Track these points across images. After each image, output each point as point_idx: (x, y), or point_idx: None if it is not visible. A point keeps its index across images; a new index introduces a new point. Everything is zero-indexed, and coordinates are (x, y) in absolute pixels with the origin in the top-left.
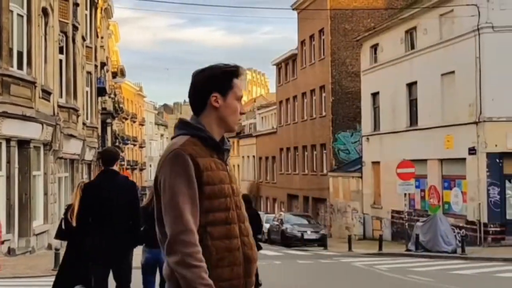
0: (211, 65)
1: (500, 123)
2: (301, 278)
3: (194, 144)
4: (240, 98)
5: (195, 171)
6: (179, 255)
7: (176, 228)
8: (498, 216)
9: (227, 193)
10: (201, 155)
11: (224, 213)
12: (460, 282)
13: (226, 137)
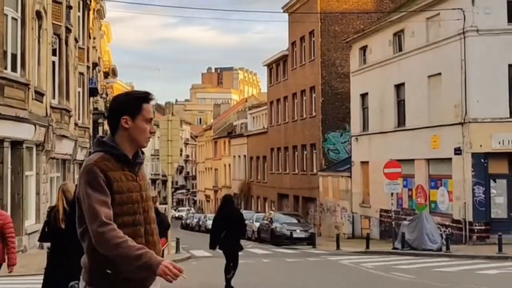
0: (126, 91)
1: (485, 124)
2: (288, 276)
3: (107, 160)
4: (149, 120)
5: (106, 183)
6: (106, 244)
7: (94, 226)
8: (483, 215)
9: (135, 200)
10: (112, 169)
11: (131, 217)
12: (441, 279)
13: (140, 151)
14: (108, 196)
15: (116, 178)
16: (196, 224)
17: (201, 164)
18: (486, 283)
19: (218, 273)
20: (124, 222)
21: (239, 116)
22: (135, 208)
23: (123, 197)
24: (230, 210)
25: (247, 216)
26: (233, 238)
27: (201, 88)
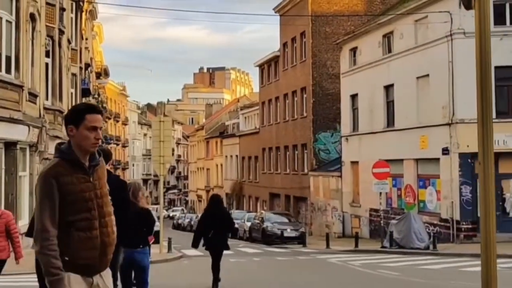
0: (75, 105)
1: (472, 125)
2: (277, 274)
3: (60, 166)
4: (92, 128)
5: (58, 187)
6: (38, 246)
7: (38, 227)
8: (470, 214)
9: (89, 198)
10: (64, 174)
11: (85, 214)
12: (425, 276)
13: (98, 154)
14: (56, 201)
15: (67, 182)
16: (188, 224)
17: (193, 164)
18: (469, 280)
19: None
20: (79, 218)
21: (231, 116)
22: (89, 205)
23: (75, 197)
24: (218, 209)
25: (238, 215)
26: (220, 237)
27: (193, 88)
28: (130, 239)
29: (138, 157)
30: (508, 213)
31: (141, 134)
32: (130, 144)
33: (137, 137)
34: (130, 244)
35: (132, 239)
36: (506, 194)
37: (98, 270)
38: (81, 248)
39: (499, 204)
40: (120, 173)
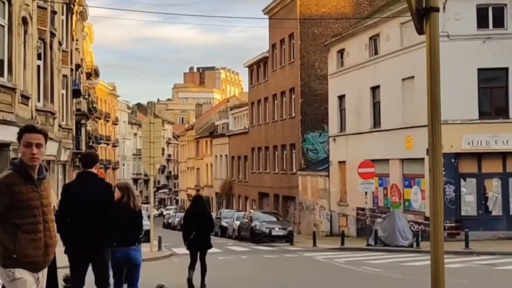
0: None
1: (455, 126)
2: (262, 271)
3: (13, 176)
4: (28, 144)
5: (9, 194)
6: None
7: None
8: (453, 212)
9: (35, 205)
10: (16, 184)
11: (31, 218)
12: (405, 272)
13: (45, 169)
14: (5, 205)
15: (17, 191)
16: (178, 223)
17: (183, 164)
18: (450, 276)
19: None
20: (26, 222)
21: (220, 116)
22: (35, 212)
23: (23, 204)
24: (201, 209)
25: (228, 215)
26: (203, 236)
27: (183, 88)
28: (125, 237)
29: (128, 157)
30: (491, 211)
31: (131, 133)
32: (121, 143)
33: (127, 137)
34: (126, 242)
35: (127, 237)
36: (489, 193)
37: (42, 267)
38: (27, 247)
39: (482, 203)
40: (111, 172)
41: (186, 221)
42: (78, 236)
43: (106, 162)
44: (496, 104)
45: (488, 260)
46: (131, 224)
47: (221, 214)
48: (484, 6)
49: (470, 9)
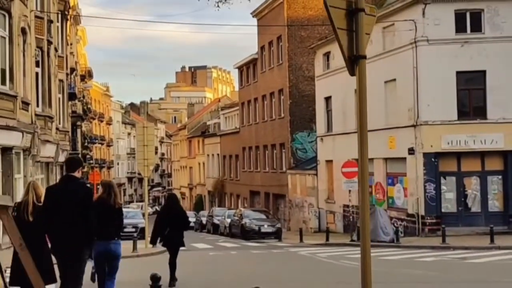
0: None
1: (435, 126)
2: (249, 264)
3: None
4: None
5: None
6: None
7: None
8: (434, 209)
9: None
10: None
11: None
12: (382, 265)
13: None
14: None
15: None
16: None
17: (176, 163)
18: (421, 268)
19: (191, 264)
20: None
21: (212, 116)
22: None
23: None
24: (175, 208)
25: (219, 212)
26: (177, 234)
27: (175, 87)
28: (105, 232)
29: (122, 156)
30: (470, 208)
31: (125, 133)
32: (115, 143)
33: (121, 136)
34: (105, 237)
35: (106, 232)
36: (468, 191)
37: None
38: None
39: (461, 200)
40: (106, 171)
41: (159, 219)
42: (60, 237)
43: (101, 162)
44: (474, 106)
45: (462, 254)
46: (110, 220)
47: (213, 212)
48: (462, 11)
49: (449, 14)
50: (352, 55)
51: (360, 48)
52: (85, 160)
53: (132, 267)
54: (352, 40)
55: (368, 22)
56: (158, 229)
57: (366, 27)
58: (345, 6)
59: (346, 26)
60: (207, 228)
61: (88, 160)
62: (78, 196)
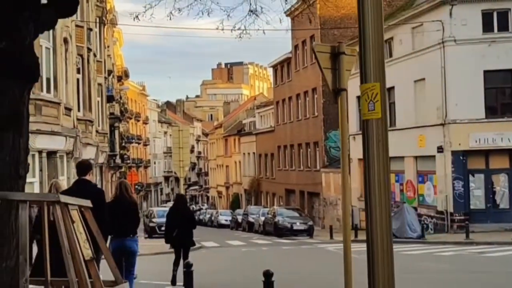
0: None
1: (463, 125)
2: (277, 259)
3: None
4: None
5: None
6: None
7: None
8: (462, 206)
9: None
10: None
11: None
12: (399, 259)
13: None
14: None
15: None
16: (208, 219)
17: (212, 161)
18: (436, 261)
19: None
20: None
21: (248, 114)
22: None
23: None
24: (182, 208)
25: (254, 211)
26: (186, 234)
27: (211, 84)
28: (121, 230)
29: (159, 155)
30: (498, 205)
31: (161, 132)
32: (151, 142)
33: (157, 136)
34: (121, 234)
35: (122, 229)
36: (496, 187)
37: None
38: None
39: (490, 197)
40: (142, 171)
41: (168, 220)
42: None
43: (137, 161)
44: (501, 104)
45: (482, 249)
46: (125, 217)
47: (248, 211)
48: (489, 11)
49: (476, 14)
50: (335, 88)
51: (342, 83)
52: (123, 160)
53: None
54: (335, 77)
55: (349, 61)
56: (169, 229)
57: (346, 65)
58: (329, 50)
59: (330, 66)
60: (243, 226)
61: (125, 160)
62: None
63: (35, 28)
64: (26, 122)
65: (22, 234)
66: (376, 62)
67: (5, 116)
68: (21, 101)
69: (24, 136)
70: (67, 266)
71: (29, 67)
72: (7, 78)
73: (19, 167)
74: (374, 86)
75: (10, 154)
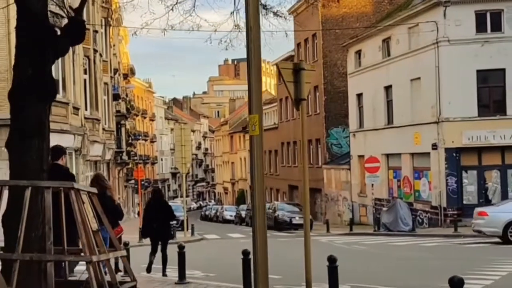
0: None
1: (456, 123)
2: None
3: None
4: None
5: None
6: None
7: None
8: (455, 201)
9: None
10: None
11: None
12: (386, 249)
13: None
14: None
15: None
16: (214, 215)
17: (218, 158)
18: (417, 251)
19: (222, 249)
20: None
21: None
22: None
23: None
24: (159, 202)
25: None
26: (164, 227)
27: (218, 80)
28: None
29: (166, 152)
30: (490, 200)
31: (168, 129)
32: (158, 139)
33: (164, 132)
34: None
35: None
36: (489, 183)
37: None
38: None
39: (482, 193)
40: (149, 167)
41: (146, 214)
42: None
43: (144, 158)
44: (494, 102)
45: (466, 241)
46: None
47: (251, 206)
48: (482, 11)
49: (469, 15)
50: (297, 98)
51: (302, 94)
52: (129, 157)
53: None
54: (296, 89)
55: (308, 75)
56: (146, 222)
57: (306, 78)
58: (292, 67)
59: (292, 79)
60: (246, 221)
61: (132, 156)
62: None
63: (53, 56)
64: (48, 130)
65: (46, 211)
66: (257, 102)
67: (32, 126)
68: (43, 114)
69: (46, 140)
70: (80, 234)
71: (49, 88)
72: (33, 98)
73: (43, 164)
74: (256, 117)
75: (37, 154)
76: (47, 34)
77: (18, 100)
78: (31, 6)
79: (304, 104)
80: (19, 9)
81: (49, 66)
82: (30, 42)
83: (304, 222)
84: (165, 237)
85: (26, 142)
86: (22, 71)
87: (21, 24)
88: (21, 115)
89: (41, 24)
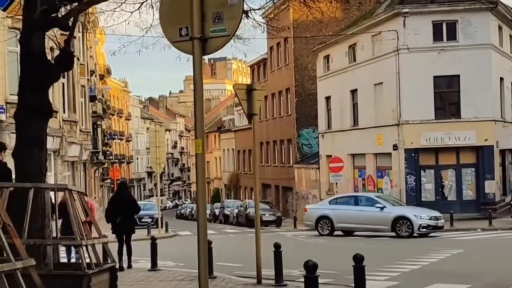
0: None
1: (415, 125)
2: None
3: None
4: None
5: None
6: None
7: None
8: (414, 198)
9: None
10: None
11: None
12: (343, 242)
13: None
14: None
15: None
16: (189, 213)
17: (194, 157)
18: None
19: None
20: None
21: (228, 112)
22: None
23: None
24: (124, 195)
25: (229, 204)
26: (128, 221)
27: None
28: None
29: (142, 151)
30: (447, 197)
31: (144, 128)
32: (134, 138)
33: (140, 131)
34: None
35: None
36: (445, 182)
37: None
38: None
39: (439, 190)
40: (125, 167)
41: (110, 207)
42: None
43: (120, 157)
44: (449, 106)
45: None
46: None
47: (224, 204)
48: (439, 22)
49: (427, 24)
50: (250, 113)
51: (254, 110)
52: (105, 156)
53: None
54: (250, 105)
55: (260, 94)
56: (110, 215)
57: (258, 97)
58: (245, 87)
59: (246, 98)
60: (219, 219)
61: (108, 156)
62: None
63: (49, 84)
64: (45, 142)
65: (46, 207)
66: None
67: (34, 139)
68: (42, 130)
69: (44, 150)
70: (72, 224)
71: (47, 110)
72: (34, 117)
73: (42, 169)
74: (199, 141)
75: (38, 161)
76: (45, 67)
77: (23, 119)
78: (32, 47)
79: (256, 118)
80: (22, 49)
81: (46, 92)
82: (32, 75)
83: (255, 218)
84: (129, 230)
85: (29, 152)
86: (25, 97)
87: (25, 62)
88: (24, 131)
89: (40, 60)
